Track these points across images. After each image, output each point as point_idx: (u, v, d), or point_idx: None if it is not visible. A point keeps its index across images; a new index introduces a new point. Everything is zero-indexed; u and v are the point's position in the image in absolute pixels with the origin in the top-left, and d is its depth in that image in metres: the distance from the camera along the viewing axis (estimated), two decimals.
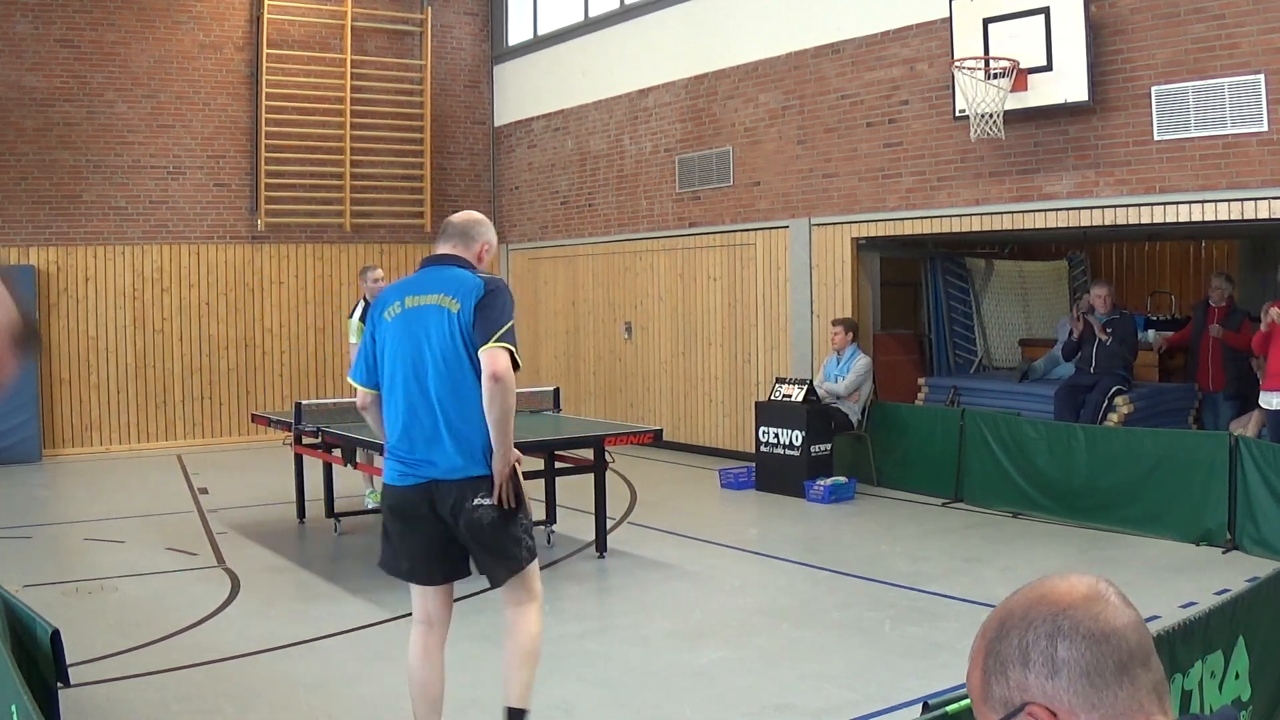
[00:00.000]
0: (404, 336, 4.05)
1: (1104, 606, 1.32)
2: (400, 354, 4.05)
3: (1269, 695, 3.66)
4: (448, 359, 3.98)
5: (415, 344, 4.02)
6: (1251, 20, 7.62)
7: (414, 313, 4.05)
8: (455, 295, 4.00)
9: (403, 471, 4.05)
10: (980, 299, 11.70)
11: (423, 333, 4.01)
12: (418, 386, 4.02)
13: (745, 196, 11.59)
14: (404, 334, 4.05)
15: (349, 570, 7.48)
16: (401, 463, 4.06)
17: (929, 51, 9.66)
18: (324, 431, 8.04)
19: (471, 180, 15.32)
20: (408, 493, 4.05)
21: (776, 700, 4.94)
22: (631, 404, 13.02)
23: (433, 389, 3.99)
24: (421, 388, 4.01)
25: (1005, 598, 1.40)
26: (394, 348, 4.07)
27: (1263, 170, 7.64)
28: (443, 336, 3.98)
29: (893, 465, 9.96)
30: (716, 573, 7.31)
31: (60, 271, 12.75)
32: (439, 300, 4.02)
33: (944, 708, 2.56)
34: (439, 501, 4.01)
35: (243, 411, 13.46)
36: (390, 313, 4.11)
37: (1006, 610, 1.36)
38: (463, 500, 3.97)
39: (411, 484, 4.02)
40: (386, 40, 14.60)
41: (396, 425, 4.07)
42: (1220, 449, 7.62)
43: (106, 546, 8.11)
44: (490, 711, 4.91)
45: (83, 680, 4.99)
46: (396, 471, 4.08)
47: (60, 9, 12.64)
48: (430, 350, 4.00)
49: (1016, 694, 1.32)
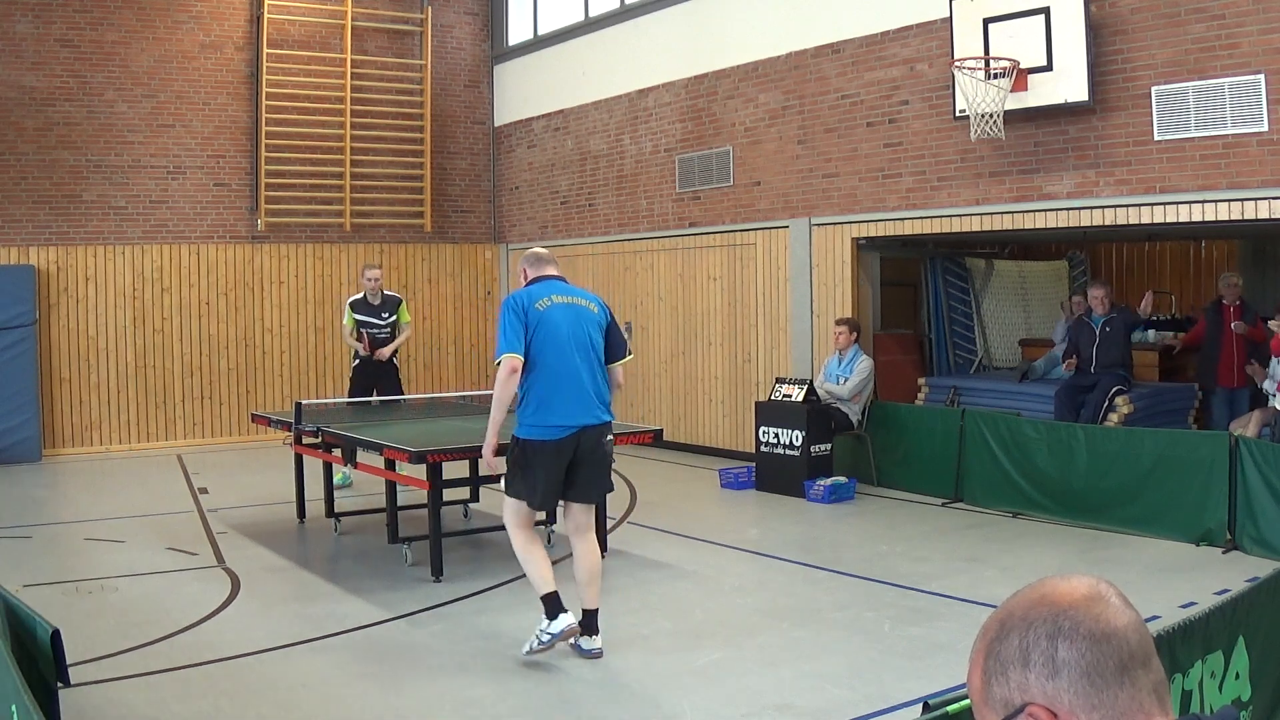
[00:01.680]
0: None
1: (1104, 607, 1.31)
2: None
3: (1269, 695, 3.66)
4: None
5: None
6: (1251, 20, 7.62)
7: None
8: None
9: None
10: (980, 299, 11.71)
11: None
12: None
13: (745, 196, 11.59)
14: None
15: (349, 570, 7.48)
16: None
17: (929, 51, 9.66)
18: (324, 431, 8.04)
19: (471, 180, 15.31)
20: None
21: (776, 700, 4.94)
22: (631, 404, 13.02)
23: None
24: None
25: (1006, 599, 1.39)
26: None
27: (1263, 170, 7.64)
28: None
29: (893, 465, 9.95)
30: (716, 573, 7.31)
31: (60, 271, 12.75)
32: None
33: (944, 708, 2.56)
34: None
35: (243, 411, 13.46)
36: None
37: (1007, 611, 1.36)
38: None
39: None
40: (386, 40, 14.61)
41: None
42: (1220, 449, 7.62)
43: (106, 546, 8.11)
44: (490, 711, 4.92)
45: (83, 680, 5.00)
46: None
47: (60, 9, 12.64)
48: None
49: (1017, 694, 1.31)
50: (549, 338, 5.31)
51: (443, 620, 6.26)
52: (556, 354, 5.30)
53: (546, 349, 5.30)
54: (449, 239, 15.00)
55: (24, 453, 12.13)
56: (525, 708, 4.96)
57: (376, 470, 7.69)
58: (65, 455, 12.62)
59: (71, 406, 12.84)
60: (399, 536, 7.56)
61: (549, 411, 5.33)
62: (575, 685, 5.23)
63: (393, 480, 7.60)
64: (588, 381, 5.35)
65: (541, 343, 5.30)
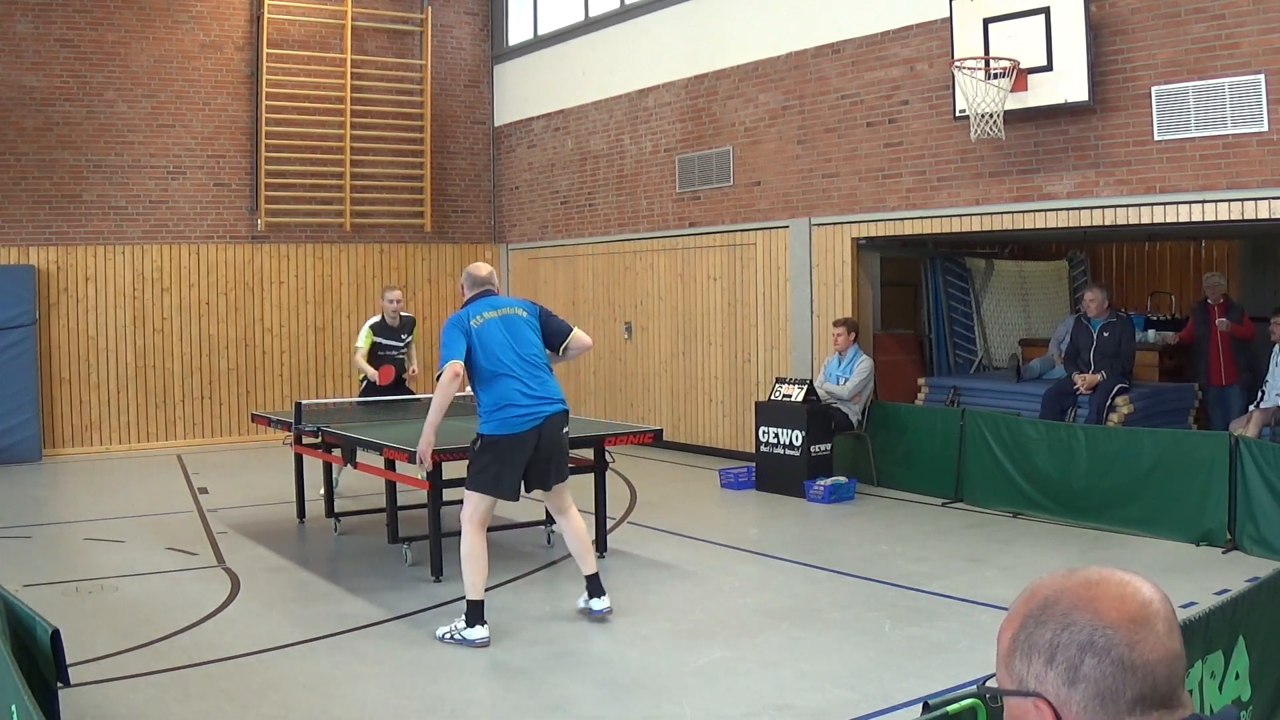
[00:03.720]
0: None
1: (1146, 634, 1.31)
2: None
3: (1269, 695, 3.66)
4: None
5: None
6: (1251, 20, 7.61)
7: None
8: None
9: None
10: (980, 299, 11.70)
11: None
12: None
13: (745, 196, 11.59)
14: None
15: (349, 570, 7.48)
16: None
17: (929, 51, 9.66)
18: (324, 431, 8.04)
19: (471, 180, 15.31)
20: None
21: (776, 700, 4.94)
22: (631, 404, 13.02)
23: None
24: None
25: (1068, 570, 1.38)
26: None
27: (1263, 170, 7.64)
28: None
29: (893, 465, 9.95)
30: (716, 573, 7.31)
31: (60, 271, 12.75)
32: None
33: (944, 708, 2.56)
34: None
35: (243, 411, 13.46)
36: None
37: (1057, 591, 1.35)
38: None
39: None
40: (386, 40, 14.61)
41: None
42: (1220, 449, 7.62)
43: (106, 546, 8.11)
44: (490, 711, 4.92)
45: (83, 680, 5.00)
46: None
47: (60, 9, 12.64)
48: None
49: (1033, 681, 1.33)
50: (492, 346, 5.95)
51: (443, 620, 6.26)
52: (501, 359, 5.94)
53: (492, 357, 5.94)
54: (449, 239, 15.00)
55: (24, 453, 12.13)
56: (525, 708, 4.96)
57: (376, 470, 7.69)
58: (65, 455, 12.62)
59: (71, 406, 12.84)
60: (399, 536, 7.56)
61: (509, 408, 5.91)
62: (575, 685, 5.23)
63: (393, 480, 7.60)
64: (534, 377, 6.01)
65: (486, 353, 5.94)
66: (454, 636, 5.82)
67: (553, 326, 6.29)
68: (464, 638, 5.78)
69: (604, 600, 6.16)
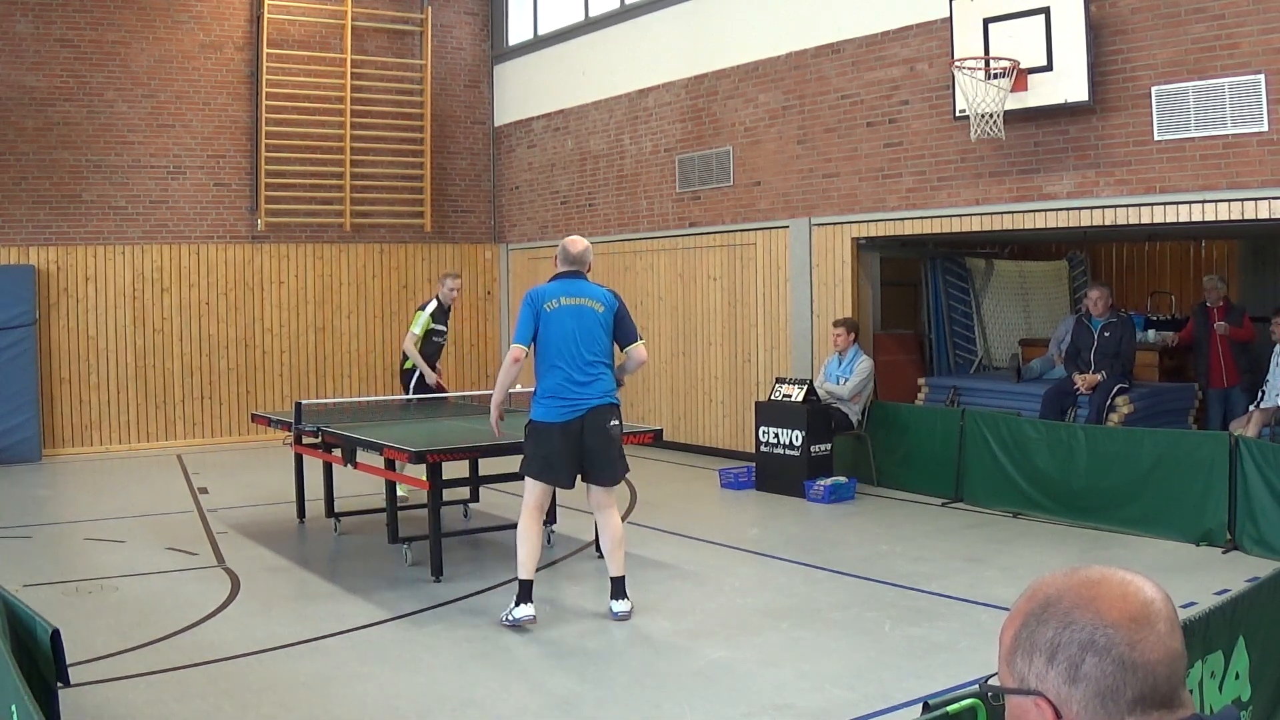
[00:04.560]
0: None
1: (1147, 633, 1.31)
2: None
3: (1269, 695, 3.66)
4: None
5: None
6: (1251, 20, 7.61)
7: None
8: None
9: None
10: (980, 299, 11.70)
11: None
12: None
13: (745, 196, 11.59)
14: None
15: (349, 570, 7.48)
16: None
17: (929, 51, 9.66)
18: (324, 431, 8.04)
19: (471, 180, 15.31)
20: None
21: (776, 700, 4.94)
22: (631, 404, 13.02)
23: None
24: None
25: (1070, 569, 1.38)
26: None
27: (1263, 170, 7.64)
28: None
29: (893, 465, 9.95)
30: (716, 573, 7.31)
31: (60, 271, 12.75)
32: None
33: (944, 708, 2.56)
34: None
35: (243, 411, 13.46)
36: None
37: (1059, 590, 1.36)
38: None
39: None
40: (386, 40, 14.61)
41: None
42: (1220, 449, 7.62)
43: (106, 546, 8.11)
44: (490, 711, 4.92)
45: (83, 680, 5.00)
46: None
47: (60, 9, 12.64)
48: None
49: (1034, 680, 1.34)
50: (554, 336, 6.04)
51: (443, 620, 6.26)
52: (560, 350, 6.03)
53: (551, 346, 6.04)
54: (449, 239, 14.99)
55: (24, 453, 12.13)
56: (525, 708, 4.95)
57: (376, 470, 7.69)
58: (65, 455, 12.62)
59: (71, 406, 12.84)
60: (399, 536, 7.56)
61: (554, 397, 6.04)
62: (575, 685, 5.23)
63: (392, 480, 7.60)
64: (586, 373, 6.05)
65: (547, 340, 6.04)
66: (508, 619, 6.00)
67: (624, 327, 6.30)
68: (513, 618, 5.98)
69: (624, 604, 6.20)
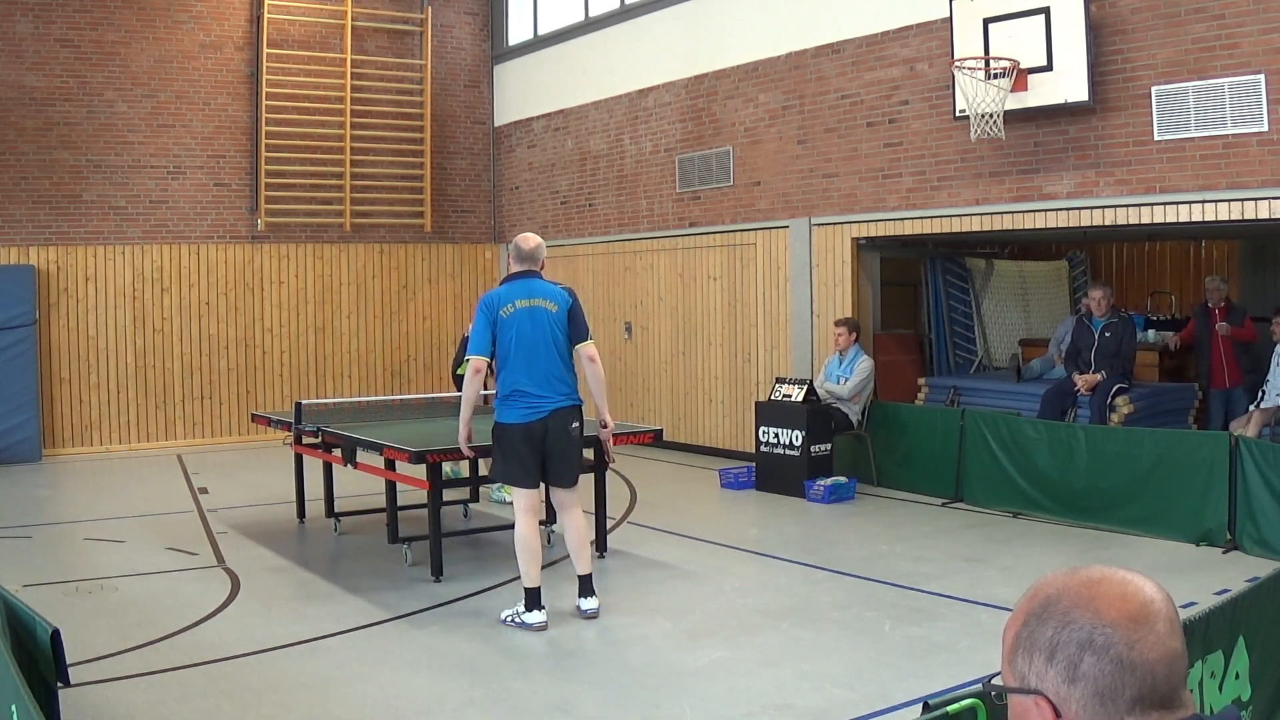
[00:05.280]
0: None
1: (1146, 633, 1.31)
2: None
3: (1269, 695, 3.66)
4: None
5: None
6: (1251, 20, 7.61)
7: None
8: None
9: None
10: (980, 299, 11.70)
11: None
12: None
13: (745, 196, 11.59)
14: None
15: (349, 570, 7.48)
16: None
17: (929, 51, 9.66)
18: (324, 431, 8.04)
19: (471, 180, 15.31)
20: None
21: (776, 700, 4.94)
22: (631, 404, 13.02)
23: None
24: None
25: (1071, 569, 1.39)
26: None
27: (1263, 170, 7.64)
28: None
29: (893, 465, 9.95)
30: (716, 573, 7.31)
31: (60, 271, 12.75)
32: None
33: (944, 708, 2.56)
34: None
35: (243, 411, 13.46)
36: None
37: (1059, 590, 1.36)
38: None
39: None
40: (386, 40, 14.60)
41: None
42: (1220, 449, 7.62)
43: (106, 546, 8.11)
44: (490, 711, 4.92)
45: (83, 680, 5.00)
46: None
47: (60, 9, 12.64)
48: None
49: (1034, 679, 1.34)
50: (513, 340, 6.10)
51: (442, 620, 6.26)
52: (519, 354, 6.10)
53: (511, 349, 6.11)
54: (449, 239, 14.99)
55: (24, 453, 12.13)
56: (525, 708, 4.95)
57: (376, 470, 7.69)
58: (65, 455, 12.62)
59: (71, 406, 12.84)
60: (399, 536, 7.56)
61: (518, 399, 6.10)
62: (575, 685, 5.23)
63: (393, 480, 7.60)
64: (549, 373, 6.14)
65: (506, 345, 6.11)
66: (514, 620, 6.06)
67: (576, 325, 6.30)
68: (523, 621, 6.02)
69: (592, 601, 6.25)
